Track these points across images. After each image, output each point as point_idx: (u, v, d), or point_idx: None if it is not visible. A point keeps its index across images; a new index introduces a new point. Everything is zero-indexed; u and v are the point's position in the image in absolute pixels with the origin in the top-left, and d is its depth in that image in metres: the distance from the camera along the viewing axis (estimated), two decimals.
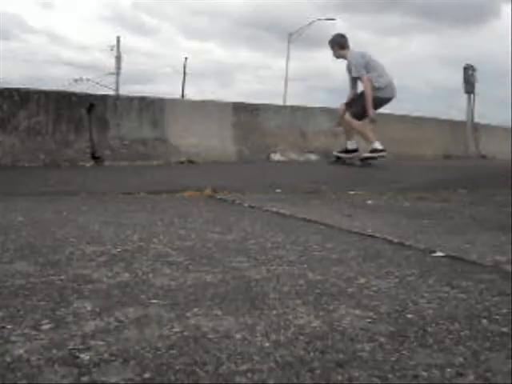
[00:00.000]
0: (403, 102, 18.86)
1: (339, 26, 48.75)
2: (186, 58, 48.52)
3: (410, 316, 1.47)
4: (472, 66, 12.03)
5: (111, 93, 26.73)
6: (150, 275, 1.79)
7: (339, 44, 7.28)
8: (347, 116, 7.22)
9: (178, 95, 38.77)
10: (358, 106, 7.16)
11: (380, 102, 7.22)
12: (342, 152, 7.48)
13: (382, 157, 7.19)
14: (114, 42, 42.44)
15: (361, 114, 7.16)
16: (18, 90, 6.31)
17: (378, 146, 7.14)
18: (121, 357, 1.15)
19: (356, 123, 7.21)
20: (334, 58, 7.40)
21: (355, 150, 7.40)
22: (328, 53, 7.36)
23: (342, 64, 7.44)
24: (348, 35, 7.36)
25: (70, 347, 1.20)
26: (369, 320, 1.42)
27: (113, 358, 1.15)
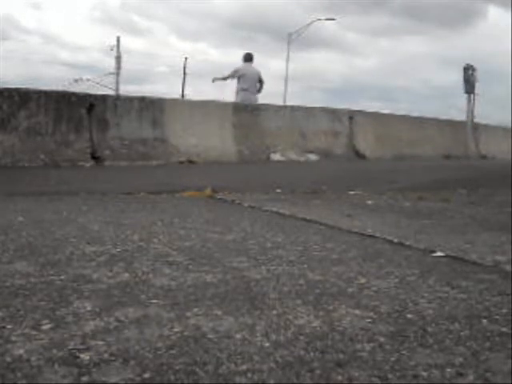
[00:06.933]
0: (400, 103, 18.80)
1: (331, 27, 48.51)
2: (186, 58, 48.37)
3: (409, 316, 1.47)
4: (472, 66, 12.05)
5: (111, 93, 26.73)
6: (150, 275, 1.79)
7: None
8: None
9: (174, 95, 38.70)
10: None
11: None
12: None
13: None
14: (111, 43, 42.51)
15: None
16: (17, 90, 6.31)
17: None
18: (121, 357, 1.15)
19: None
20: (330, 59, 7.36)
21: None
22: (324, 53, 7.43)
23: (339, 65, 7.51)
24: (337, 36, 7.11)
25: (70, 347, 1.20)
26: (369, 320, 1.42)
27: (113, 358, 1.15)
